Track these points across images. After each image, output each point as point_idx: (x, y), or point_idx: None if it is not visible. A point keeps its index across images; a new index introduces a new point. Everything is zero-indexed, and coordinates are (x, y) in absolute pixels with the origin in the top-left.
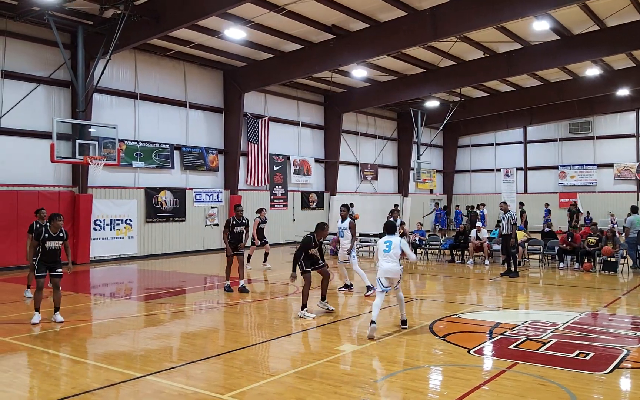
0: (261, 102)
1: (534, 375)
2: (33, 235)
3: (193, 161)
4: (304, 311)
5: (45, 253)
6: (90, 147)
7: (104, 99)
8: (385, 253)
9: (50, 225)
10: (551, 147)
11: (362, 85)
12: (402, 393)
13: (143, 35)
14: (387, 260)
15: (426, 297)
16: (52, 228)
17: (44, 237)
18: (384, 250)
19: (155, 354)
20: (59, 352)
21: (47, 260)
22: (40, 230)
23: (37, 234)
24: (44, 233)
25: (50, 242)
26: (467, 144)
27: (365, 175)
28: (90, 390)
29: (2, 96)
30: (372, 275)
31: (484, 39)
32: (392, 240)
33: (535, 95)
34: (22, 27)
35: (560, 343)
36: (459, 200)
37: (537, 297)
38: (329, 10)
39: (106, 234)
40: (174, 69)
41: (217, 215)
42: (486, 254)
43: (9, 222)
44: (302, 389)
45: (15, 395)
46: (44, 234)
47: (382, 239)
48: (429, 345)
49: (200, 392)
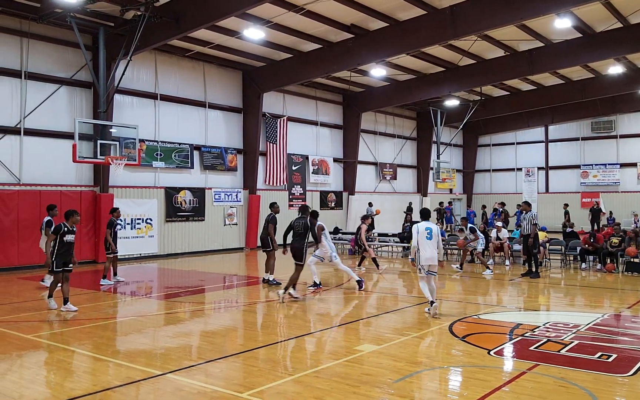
0: (280, 102)
1: (555, 377)
2: (51, 231)
3: (212, 161)
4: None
5: (62, 247)
6: (112, 147)
7: (125, 100)
8: (428, 241)
9: (68, 221)
10: (573, 146)
11: (381, 84)
12: (421, 394)
13: (163, 36)
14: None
15: (446, 298)
16: (70, 223)
17: (63, 231)
18: (426, 237)
19: (175, 352)
20: (81, 350)
21: (64, 255)
22: (60, 226)
23: (57, 229)
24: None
25: (68, 236)
26: (487, 143)
27: (384, 174)
28: (111, 387)
29: (26, 97)
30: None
31: (505, 37)
32: (432, 228)
33: (556, 94)
34: (45, 29)
35: (582, 345)
36: (480, 200)
37: (559, 298)
38: (348, 10)
39: (127, 233)
40: (194, 69)
41: (236, 215)
42: (507, 254)
43: (32, 222)
44: (320, 389)
45: (38, 391)
46: (63, 228)
47: (422, 225)
48: (448, 346)
49: (220, 391)
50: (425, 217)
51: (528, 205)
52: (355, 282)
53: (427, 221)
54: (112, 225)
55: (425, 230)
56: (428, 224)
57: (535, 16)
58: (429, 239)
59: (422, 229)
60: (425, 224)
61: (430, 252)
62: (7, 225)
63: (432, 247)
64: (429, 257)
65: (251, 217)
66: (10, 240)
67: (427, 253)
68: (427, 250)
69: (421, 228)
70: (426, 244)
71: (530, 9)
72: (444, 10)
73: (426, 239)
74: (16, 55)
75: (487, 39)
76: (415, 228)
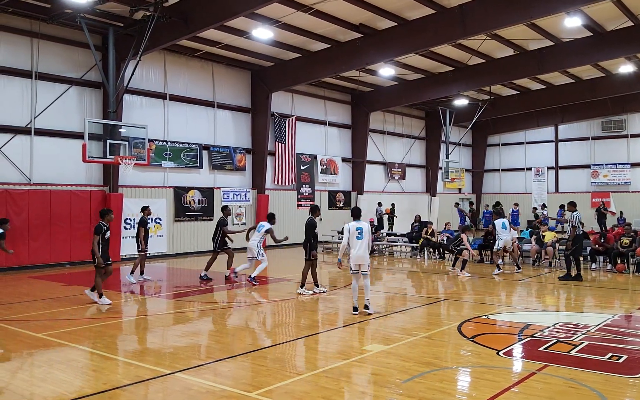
0: (288, 101)
1: (565, 378)
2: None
3: (221, 161)
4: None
5: (105, 244)
6: (121, 147)
7: (134, 100)
8: (358, 240)
9: (104, 219)
10: (583, 146)
11: (389, 84)
12: (430, 394)
13: (172, 36)
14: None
15: (454, 298)
16: (106, 221)
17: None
18: (356, 237)
19: (183, 351)
20: (90, 349)
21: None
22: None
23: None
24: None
25: (108, 233)
26: (496, 143)
27: (392, 174)
28: (121, 386)
29: (36, 97)
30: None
31: (514, 36)
32: (363, 227)
33: (566, 93)
34: (55, 30)
35: (592, 345)
36: (489, 200)
37: (569, 298)
38: (356, 9)
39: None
40: (203, 69)
41: (245, 215)
42: (516, 254)
43: (43, 221)
44: (328, 388)
45: (49, 389)
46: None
47: (353, 224)
48: (457, 346)
49: (228, 390)
50: (356, 216)
51: (572, 206)
52: (249, 279)
53: (358, 220)
54: (144, 223)
55: (356, 229)
56: (359, 223)
57: (544, 15)
58: (359, 239)
59: (352, 228)
60: (356, 223)
61: (360, 250)
62: (18, 225)
63: (362, 246)
64: (358, 255)
65: (260, 217)
66: (21, 239)
67: (357, 252)
68: (357, 249)
69: (352, 227)
70: (356, 243)
71: (540, 8)
72: (453, 9)
73: (356, 239)
74: (27, 55)
75: (497, 38)
76: (346, 227)
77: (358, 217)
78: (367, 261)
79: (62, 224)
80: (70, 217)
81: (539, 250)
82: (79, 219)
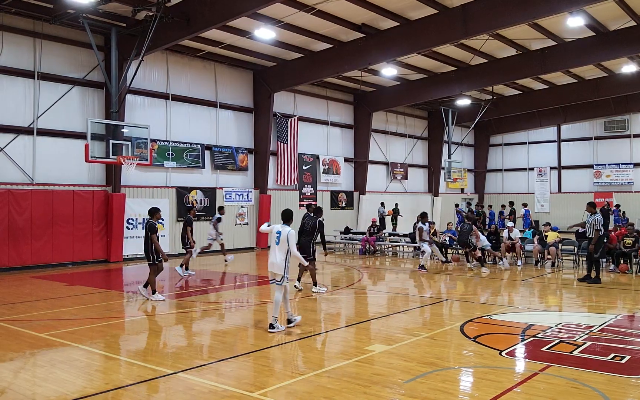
0: (290, 101)
1: (568, 378)
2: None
3: (223, 161)
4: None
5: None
6: (123, 147)
7: (137, 100)
8: (275, 245)
9: (154, 217)
10: (586, 146)
11: (392, 84)
12: (432, 394)
13: (174, 36)
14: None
15: (457, 298)
16: (156, 219)
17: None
18: (274, 241)
19: (186, 351)
20: (93, 348)
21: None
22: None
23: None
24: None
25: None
26: (499, 143)
27: (395, 174)
28: (123, 386)
29: (39, 97)
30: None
31: (517, 36)
32: (282, 231)
33: (569, 93)
34: (58, 30)
35: (594, 346)
36: (491, 200)
37: (571, 298)
38: (358, 9)
39: (139, 233)
40: (205, 69)
41: (247, 215)
42: (518, 254)
43: (46, 221)
44: (331, 389)
45: (51, 389)
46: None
47: (275, 227)
48: (459, 347)
49: (230, 390)
50: (285, 220)
51: (592, 207)
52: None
53: (284, 224)
54: (190, 222)
55: (276, 233)
56: (281, 227)
57: (547, 15)
58: (276, 244)
59: (273, 230)
60: (278, 226)
61: (273, 257)
62: (21, 225)
63: (277, 252)
64: (271, 262)
65: (262, 217)
66: (23, 239)
67: (270, 258)
68: (271, 255)
69: (273, 229)
70: (272, 247)
71: (543, 8)
72: (455, 9)
73: (274, 243)
74: (29, 56)
75: (499, 38)
76: (270, 227)
77: (287, 222)
78: (281, 272)
79: (65, 224)
80: (72, 217)
81: (542, 250)
82: (82, 219)
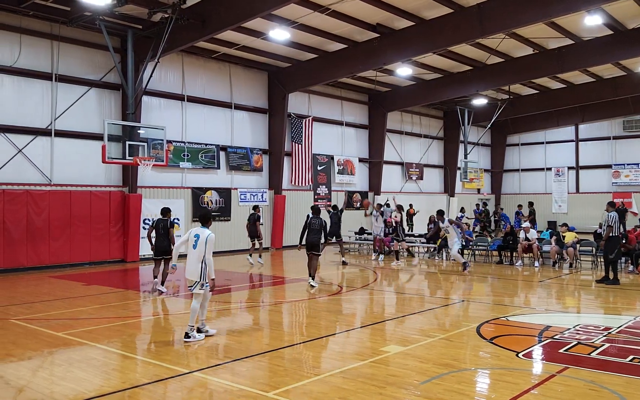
0: (305, 102)
1: (586, 380)
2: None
3: (238, 161)
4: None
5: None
6: (140, 148)
7: (153, 101)
8: (192, 249)
9: (167, 216)
10: (604, 146)
11: (407, 83)
12: (448, 396)
13: (190, 38)
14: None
15: (473, 299)
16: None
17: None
18: (192, 245)
19: (201, 350)
20: (110, 347)
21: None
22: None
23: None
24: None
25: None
26: (516, 143)
27: (410, 174)
28: (140, 385)
29: (56, 99)
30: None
31: (533, 34)
32: (201, 235)
33: (587, 92)
34: (75, 32)
35: (613, 348)
36: (508, 200)
37: (589, 300)
38: (373, 9)
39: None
40: (220, 70)
41: (262, 215)
42: (536, 255)
43: (63, 222)
44: (346, 389)
45: (69, 388)
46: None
47: (193, 230)
48: (475, 348)
49: (246, 390)
50: (203, 222)
51: (611, 206)
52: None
53: (202, 227)
54: (258, 218)
55: (194, 236)
56: (200, 230)
57: (564, 13)
58: (194, 248)
59: (191, 235)
60: (196, 229)
61: (190, 263)
62: (39, 225)
63: (193, 257)
64: (188, 269)
65: (277, 217)
66: (41, 239)
67: (187, 264)
68: (188, 261)
69: (191, 233)
70: (189, 252)
71: (560, 6)
72: (471, 8)
73: (191, 247)
74: (47, 58)
75: (516, 37)
76: (188, 232)
77: (206, 224)
78: (197, 278)
79: (82, 224)
80: (90, 217)
81: (559, 251)
82: (99, 219)
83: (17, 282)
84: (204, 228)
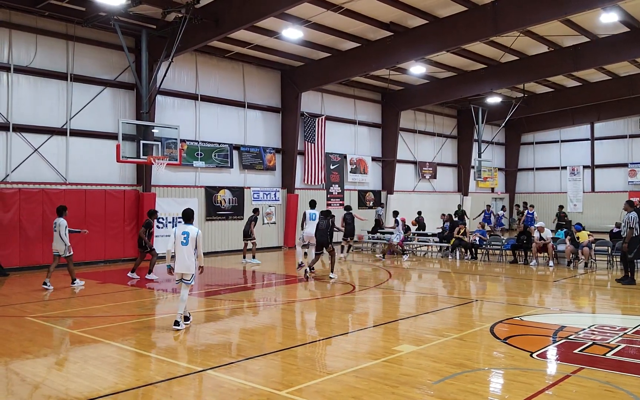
0: (318, 101)
1: (601, 381)
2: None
3: (251, 160)
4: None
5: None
6: (154, 148)
7: (167, 101)
8: (183, 246)
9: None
10: (620, 144)
11: (420, 82)
12: (461, 396)
13: (203, 37)
14: (183, 254)
15: (487, 299)
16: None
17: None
18: (181, 242)
19: (215, 349)
20: (124, 345)
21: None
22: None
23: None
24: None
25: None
26: (530, 141)
27: (423, 173)
28: (153, 382)
29: (72, 99)
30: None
31: (548, 32)
32: (190, 232)
33: (603, 90)
34: (89, 32)
35: (629, 348)
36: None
37: (605, 300)
38: (386, 8)
39: (168, 232)
40: (233, 70)
41: (275, 214)
42: (550, 254)
43: (78, 220)
44: (359, 388)
45: (83, 385)
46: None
47: (180, 228)
48: (489, 348)
49: (259, 388)
50: (187, 219)
51: (629, 205)
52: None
53: (187, 224)
54: (255, 220)
55: (182, 234)
56: (187, 227)
57: (580, 11)
58: (184, 245)
59: (178, 232)
60: (184, 227)
61: (182, 258)
62: None
63: (186, 254)
64: (180, 263)
65: (289, 216)
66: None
67: (179, 259)
68: (179, 256)
69: (178, 231)
70: (180, 249)
71: (575, 4)
72: (485, 6)
73: (181, 244)
74: (62, 58)
75: (530, 35)
76: (172, 231)
77: (189, 220)
78: (191, 271)
79: (97, 222)
80: (104, 216)
81: (574, 250)
82: (113, 218)
83: (33, 280)
84: (189, 225)
